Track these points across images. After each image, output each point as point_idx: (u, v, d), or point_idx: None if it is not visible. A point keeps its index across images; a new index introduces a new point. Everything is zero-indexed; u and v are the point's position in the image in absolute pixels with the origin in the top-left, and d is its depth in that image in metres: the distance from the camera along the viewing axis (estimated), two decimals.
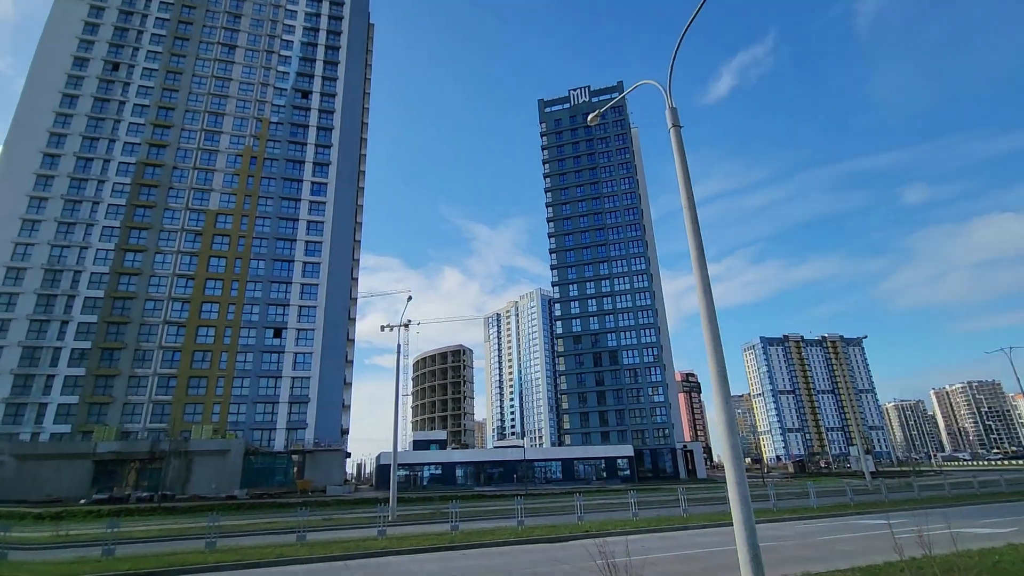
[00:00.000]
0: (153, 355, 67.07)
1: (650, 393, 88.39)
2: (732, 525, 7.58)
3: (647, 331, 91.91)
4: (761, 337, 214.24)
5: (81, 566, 15.78)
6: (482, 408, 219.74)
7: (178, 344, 68.28)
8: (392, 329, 68.56)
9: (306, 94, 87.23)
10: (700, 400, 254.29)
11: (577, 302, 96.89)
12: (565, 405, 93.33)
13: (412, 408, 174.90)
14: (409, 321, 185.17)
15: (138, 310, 68.58)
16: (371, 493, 64.43)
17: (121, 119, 77.33)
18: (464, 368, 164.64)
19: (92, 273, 68.80)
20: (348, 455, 74.30)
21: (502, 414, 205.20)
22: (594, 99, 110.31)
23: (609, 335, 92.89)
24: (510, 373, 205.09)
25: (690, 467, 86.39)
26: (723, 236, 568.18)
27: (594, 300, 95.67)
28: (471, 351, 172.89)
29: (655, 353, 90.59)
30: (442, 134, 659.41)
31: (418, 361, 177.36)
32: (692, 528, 24.93)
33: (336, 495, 59.22)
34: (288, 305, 73.71)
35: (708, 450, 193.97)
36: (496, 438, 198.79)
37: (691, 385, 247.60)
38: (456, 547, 19.39)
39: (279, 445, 67.20)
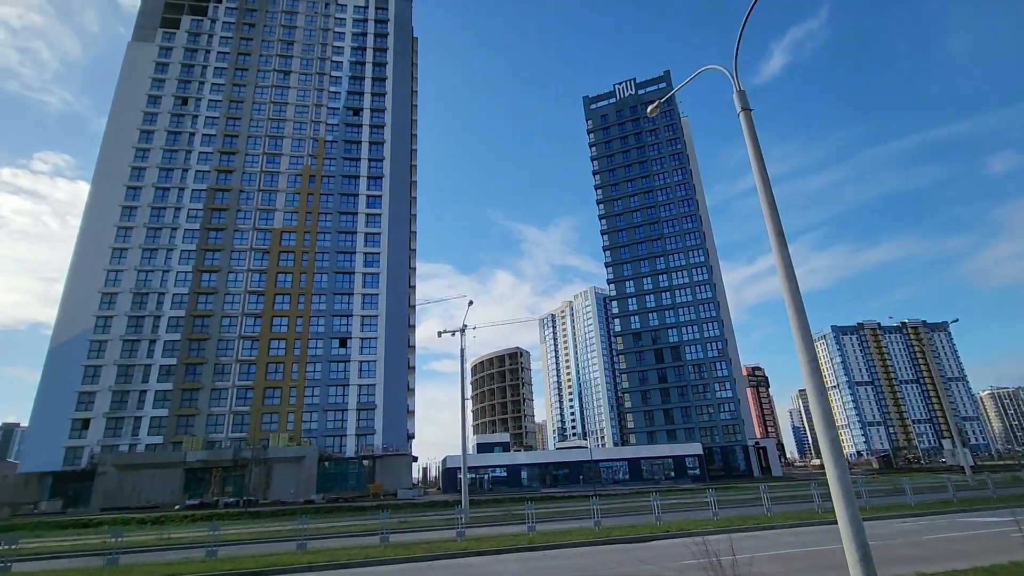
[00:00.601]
0: (231, 368, 71.09)
1: (716, 389, 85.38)
2: (820, 525, 7.12)
3: (710, 325, 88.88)
4: (833, 326, 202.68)
5: (188, 566, 16.81)
6: (541, 410, 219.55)
7: (253, 357, 72.05)
8: (454, 335, 69.39)
9: (357, 111, 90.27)
10: (769, 395, 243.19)
11: (634, 299, 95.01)
12: (627, 404, 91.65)
13: (472, 412, 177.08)
14: (465, 326, 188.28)
15: (216, 327, 72.92)
16: (439, 496, 65.53)
17: (192, 149, 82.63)
18: (522, 370, 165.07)
19: (174, 294, 73.76)
20: (415, 459, 75.89)
21: (562, 415, 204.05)
22: (640, 91, 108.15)
23: (670, 330, 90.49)
24: (568, 374, 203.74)
25: (764, 465, 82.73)
26: (782, 223, 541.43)
27: (652, 296, 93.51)
28: (528, 353, 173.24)
29: (719, 347, 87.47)
30: (486, 138, 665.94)
31: (476, 365, 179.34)
32: (778, 527, 23.66)
33: (406, 498, 60.58)
34: (351, 315, 76.28)
35: (781, 447, 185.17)
36: (557, 439, 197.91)
37: (758, 380, 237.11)
38: (535, 548, 19.25)
39: (350, 451, 69.55)
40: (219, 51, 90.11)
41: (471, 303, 36.47)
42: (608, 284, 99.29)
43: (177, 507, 55.07)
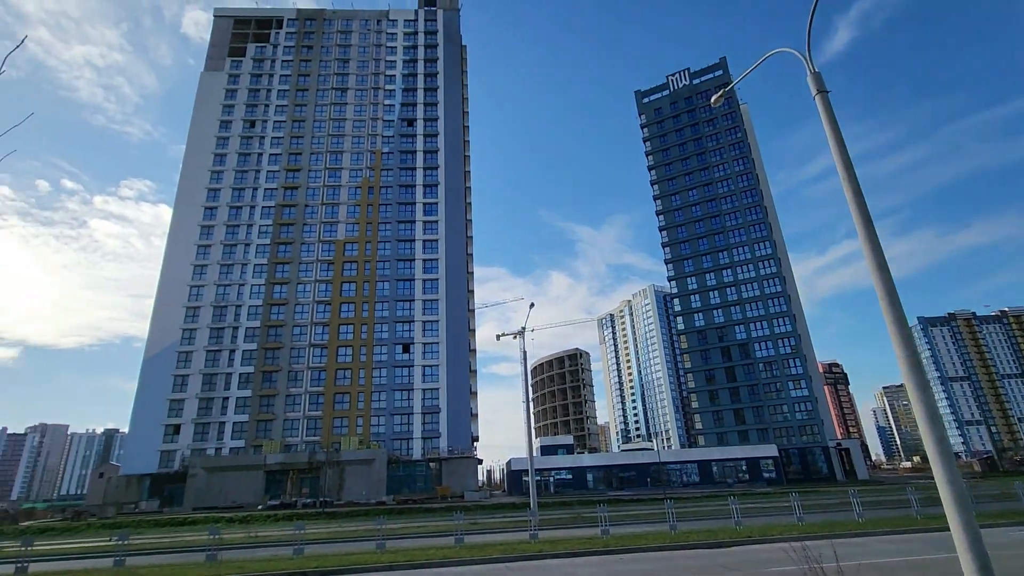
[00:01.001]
0: (303, 375, 74.45)
1: (791, 387, 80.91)
2: (920, 532, 6.36)
3: (780, 320, 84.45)
4: (920, 318, 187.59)
5: (278, 563, 17.59)
6: (603, 411, 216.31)
7: (323, 364, 75.14)
8: (515, 337, 69.74)
9: (411, 122, 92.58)
10: (848, 393, 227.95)
11: (698, 295, 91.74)
12: (695, 404, 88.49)
13: (533, 414, 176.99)
14: (523, 328, 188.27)
15: (288, 336, 76.65)
16: (505, 498, 65.70)
17: (260, 168, 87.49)
18: (582, 371, 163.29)
19: (249, 306, 78.19)
20: (480, 462, 76.52)
21: (625, 416, 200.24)
22: (695, 81, 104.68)
23: (736, 327, 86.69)
24: (629, 374, 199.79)
25: (847, 467, 77.51)
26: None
27: (716, 292, 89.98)
28: (588, 354, 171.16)
29: (792, 343, 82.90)
30: (536, 139, 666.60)
31: (535, 367, 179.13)
32: (872, 534, 21.92)
33: (473, 500, 61.10)
34: (413, 321, 78.07)
35: (865, 448, 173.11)
36: (621, 441, 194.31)
37: (836, 377, 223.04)
38: (611, 551, 18.74)
39: (416, 454, 71.06)
40: (281, 74, 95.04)
41: (532, 305, 36.30)
42: (669, 281, 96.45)
43: (260, 507, 58.11)
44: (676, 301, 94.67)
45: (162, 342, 75.15)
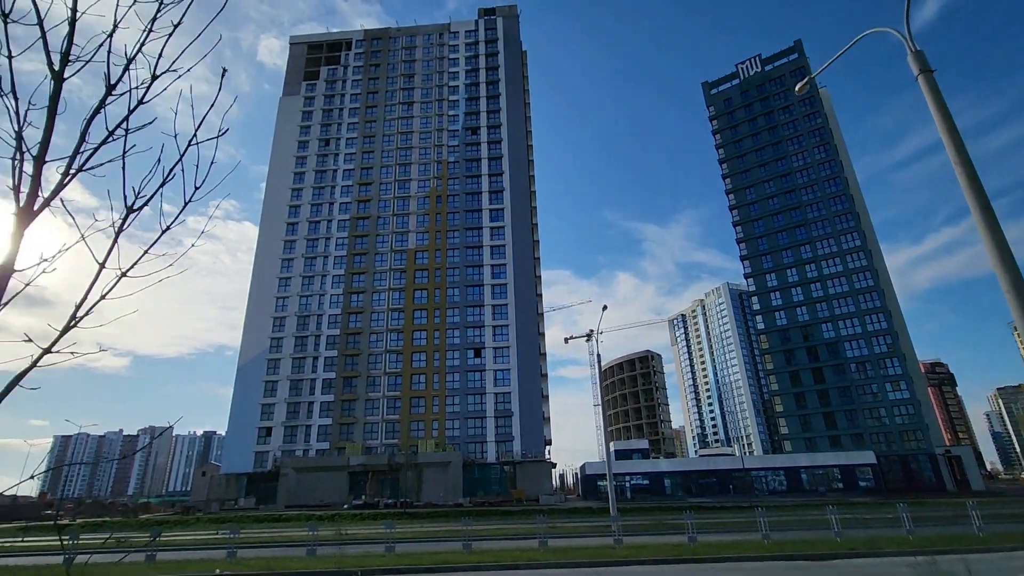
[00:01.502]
0: (381, 381, 77.39)
1: (888, 389, 74.67)
2: None
3: (873, 317, 78.23)
4: None
5: (372, 560, 18.35)
6: (676, 415, 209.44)
7: (398, 369, 77.80)
8: (587, 339, 69.61)
9: (475, 130, 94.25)
10: (956, 395, 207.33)
11: (779, 292, 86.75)
12: (779, 407, 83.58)
13: (604, 418, 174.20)
14: (592, 331, 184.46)
15: (365, 343, 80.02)
16: (580, 503, 65.02)
17: (335, 184, 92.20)
18: (654, 374, 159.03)
19: (329, 315, 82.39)
20: (553, 465, 76.22)
21: (701, 420, 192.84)
22: (767, 67, 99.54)
23: (823, 326, 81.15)
24: (704, 376, 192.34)
25: (957, 477, 70.31)
26: (956, 192, 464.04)
27: (799, 288, 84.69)
28: (659, 356, 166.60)
29: (887, 342, 76.54)
30: (597, 139, 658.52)
31: (606, 370, 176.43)
32: (997, 550, 19.73)
33: (548, 504, 60.85)
34: (483, 326, 79.18)
35: (979, 456, 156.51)
36: (697, 446, 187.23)
37: (940, 377, 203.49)
38: (701, 559, 18.02)
39: (491, 457, 71.85)
40: (352, 93, 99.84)
41: (605, 308, 35.78)
42: (745, 279, 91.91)
43: (345, 506, 60.85)
44: (755, 299, 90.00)
45: (253, 350, 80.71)
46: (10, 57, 2.41)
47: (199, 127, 2.68)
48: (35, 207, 2.40)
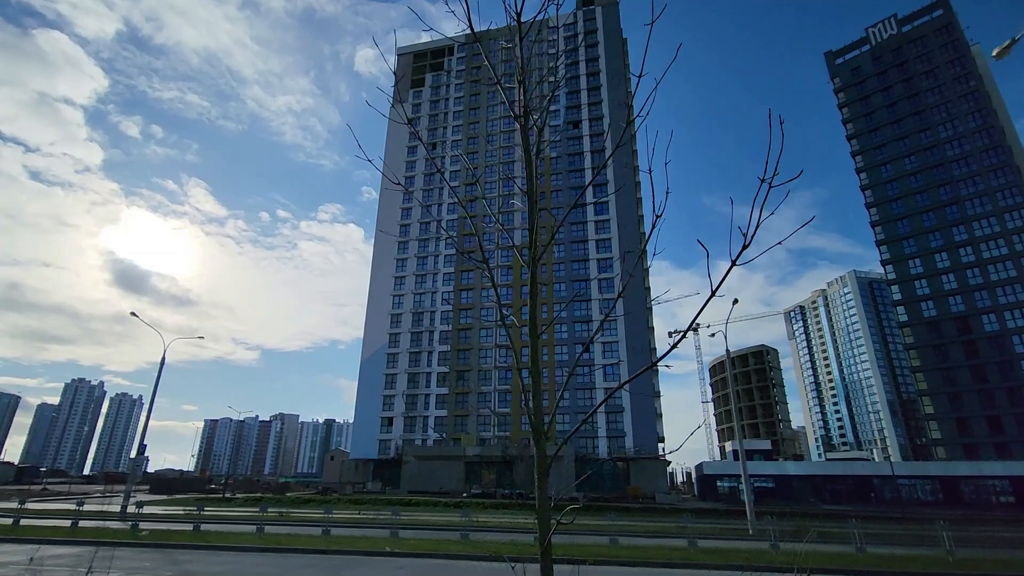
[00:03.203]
0: (492, 375, 79.53)
1: None
2: None
3: None
4: None
5: (525, 548, 18.89)
6: (795, 414, 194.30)
7: (508, 364, 79.42)
8: (695, 333, 67.16)
9: (576, 124, 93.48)
10: None
11: (925, 280, 77.19)
12: (928, 409, 74.42)
13: (715, 416, 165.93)
14: (698, 325, 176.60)
15: (476, 338, 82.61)
16: (700, 504, 62.42)
17: (442, 186, 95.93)
18: (770, 370, 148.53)
19: (441, 312, 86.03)
20: (668, 463, 73.96)
21: (824, 421, 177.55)
22: (903, 28, 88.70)
23: (984, 317, 71.05)
24: (828, 374, 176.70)
25: None
26: None
27: (952, 275, 74.78)
28: (775, 351, 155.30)
29: None
30: (691, 120, 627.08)
31: (714, 366, 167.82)
32: None
33: (664, 503, 59.12)
34: (591, 321, 78.58)
35: None
36: (821, 449, 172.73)
37: None
38: (874, 572, 16.41)
39: (602, 452, 71.22)
40: (455, 96, 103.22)
41: (736, 302, 33.75)
42: (883, 266, 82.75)
43: (465, 495, 63.33)
44: (895, 288, 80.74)
45: (374, 345, 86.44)
46: None
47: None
48: None
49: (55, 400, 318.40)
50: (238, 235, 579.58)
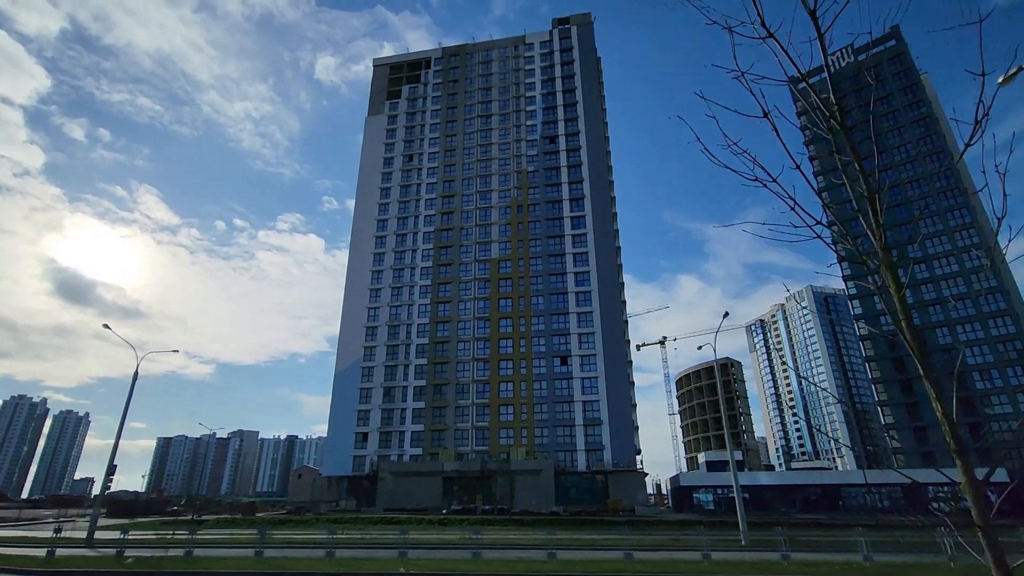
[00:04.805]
0: (469, 388, 78.90)
1: (1021, 399, 67.98)
2: None
3: (997, 320, 71.75)
4: None
5: (540, 565, 18.77)
6: (756, 425, 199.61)
7: (486, 377, 79.03)
8: (661, 345, 68.30)
9: (553, 139, 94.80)
10: None
11: (885, 295, 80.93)
12: (889, 419, 77.85)
13: (681, 428, 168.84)
14: (664, 338, 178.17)
15: (453, 351, 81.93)
16: (678, 515, 63.23)
17: (419, 197, 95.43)
18: (734, 383, 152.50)
19: (418, 324, 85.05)
20: (646, 475, 74.66)
21: (784, 432, 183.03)
22: (859, 57, 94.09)
23: (938, 331, 75.15)
24: (787, 385, 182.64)
25: None
26: None
27: (908, 291, 78.73)
28: (739, 363, 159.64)
29: (1017, 347, 69.78)
30: (652, 136, 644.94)
31: (681, 378, 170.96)
32: None
33: (645, 515, 59.68)
34: (568, 334, 79.08)
35: None
36: (782, 459, 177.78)
37: None
38: None
39: (581, 465, 71.41)
40: (432, 109, 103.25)
41: (726, 315, 34.83)
42: (844, 282, 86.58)
43: (444, 511, 62.26)
44: (856, 303, 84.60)
45: (348, 358, 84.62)
46: None
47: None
48: None
49: None
50: (192, 244, 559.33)
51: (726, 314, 34.99)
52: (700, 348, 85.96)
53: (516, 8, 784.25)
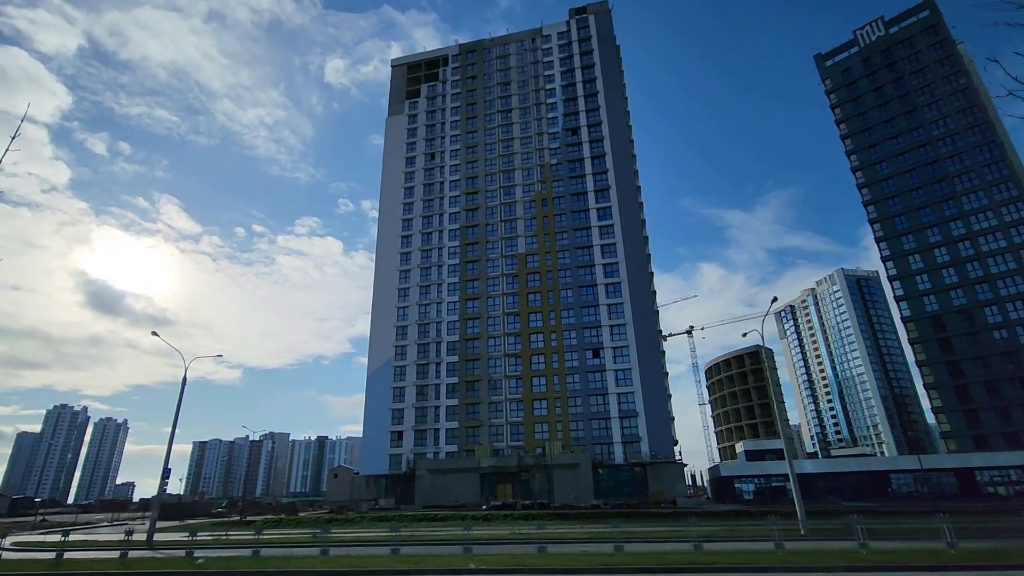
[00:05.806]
0: (502, 384, 78.80)
1: None
2: None
3: None
4: None
5: (608, 559, 18.40)
6: (790, 413, 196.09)
7: (518, 372, 78.82)
8: (689, 335, 67.28)
9: (575, 131, 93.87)
10: None
11: (926, 275, 78.38)
12: (936, 402, 75.32)
13: (712, 418, 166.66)
14: (692, 327, 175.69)
15: (484, 347, 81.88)
16: (723, 506, 62.13)
17: (443, 195, 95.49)
18: (768, 370, 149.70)
19: (448, 322, 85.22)
20: (684, 466, 73.72)
21: (819, 418, 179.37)
22: (891, 30, 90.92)
23: (987, 309, 72.39)
24: (821, 371, 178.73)
25: None
26: None
27: (952, 269, 76.15)
28: (771, 350, 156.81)
29: None
30: (669, 125, 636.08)
31: (710, 367, 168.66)
32: None
33: (688, 507, 58.72)
34: (599, 327, 78.35)
35: None
36: (817, 446, 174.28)
37: None
38: (965, 568, 16.25)
39: (618, 458, 70.79)
40: (452, 106, 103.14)
41: (775, 299, 33.84)
42: (883, 262, 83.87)
43: (484, 507, 62.28)
44: (897, 283, 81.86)
45: (380, 358, 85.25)
46: None
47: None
48: None
49: (33, 427, 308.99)
50: (214, 251, 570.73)
51: (775, 299, 33.99)
52: (745, 335, 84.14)
53: (523, 0, 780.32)
